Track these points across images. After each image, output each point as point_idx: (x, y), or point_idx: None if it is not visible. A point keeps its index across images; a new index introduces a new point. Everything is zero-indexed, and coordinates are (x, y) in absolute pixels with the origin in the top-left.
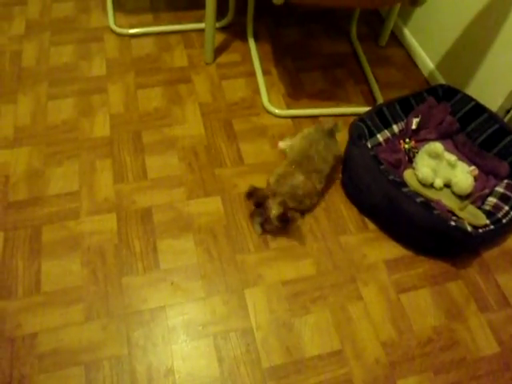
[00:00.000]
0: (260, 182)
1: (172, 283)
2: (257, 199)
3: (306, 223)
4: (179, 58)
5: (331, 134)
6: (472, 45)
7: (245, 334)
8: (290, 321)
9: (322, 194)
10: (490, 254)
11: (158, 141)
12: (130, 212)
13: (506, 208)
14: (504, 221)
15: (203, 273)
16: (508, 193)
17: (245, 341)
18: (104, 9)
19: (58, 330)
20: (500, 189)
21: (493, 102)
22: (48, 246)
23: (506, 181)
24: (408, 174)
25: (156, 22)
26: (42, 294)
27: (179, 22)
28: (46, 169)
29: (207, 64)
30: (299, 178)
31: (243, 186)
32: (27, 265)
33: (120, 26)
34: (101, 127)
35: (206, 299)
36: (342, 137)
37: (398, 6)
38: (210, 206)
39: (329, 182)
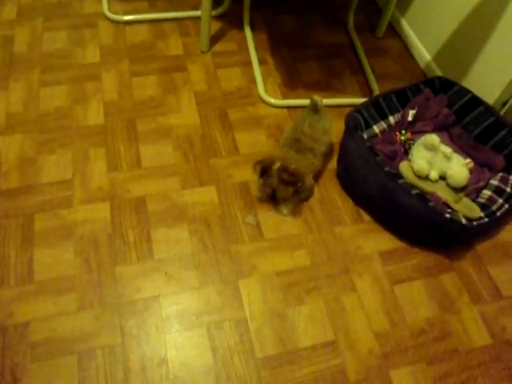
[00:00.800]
0: None
1: (166, 273)
2: (262, 166)
3: (300, 214)
4: (174, 45)
5: (315, 110)
6: (469, 37)
7: (239, 324)
8: (283, 311)
9: (316, 182)
10: (484, 247)
11: (153, 129)
12: (123, 201)
13: (500, 201)
14: (498, 214)
15: (197, 263)
16: (502, 186)
17: (238, 331)
18: None
19: (50, 318)
20: (495, 182)
21: (489, 94)
22: (40, 235)
23: (500, 174)
24: (404, 166)
25: (151, 9)
26: (34, 282)
27: (175, 10)
28: (39, 156)
29: (203, 52)
30: (293, 155)
31: (238, 176)
32: (19, 253)
33: (114, 13)
34: (94, 115)
35: (200, 289)
36: (338, 127)
37: None
38: (205, 196)
39: (324, 173)
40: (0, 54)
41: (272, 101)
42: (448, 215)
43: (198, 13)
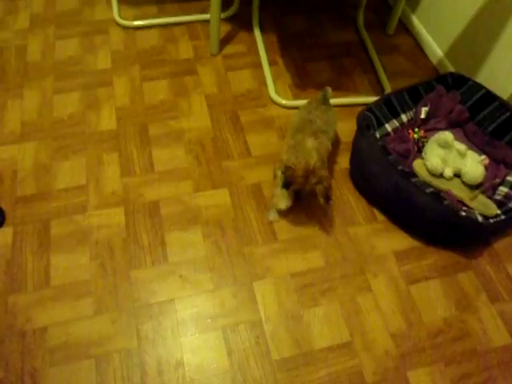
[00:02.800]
0: (268, 173)
1: (180, 276)
2: (286, 179)
3: (314, 214)
4: (184, 49)
5: (325, 101)
6: (482, 31)
7: (254, 327)
8: (299, 313)
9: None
10: (501, 244)
11: (165, 133)
12: (137, 205)
13: None
14: None
15: (211, 265)
16: None
17: (254, 333)
18: (108, 1)
19: (67, 323)
20: (511, 178)
21: (504, 89)
22: (56, 240)
23: None
24: (417, 164)
25: (161, 14)
26: (51, 287)
27: (184, 14)
28: (53, 163)
29: (213, 55)
30: (309, 141)
31: (250, 178)
32: (36, 259)
33: (124, 18)
34: (107, 120)
35: (214, 292)
36: (350, 127)
37: None
38: (218, 199)
39: (337, 173)
40: (14, 63)
41: (283, 102)
42: (463, 213)
43: (207, 16)
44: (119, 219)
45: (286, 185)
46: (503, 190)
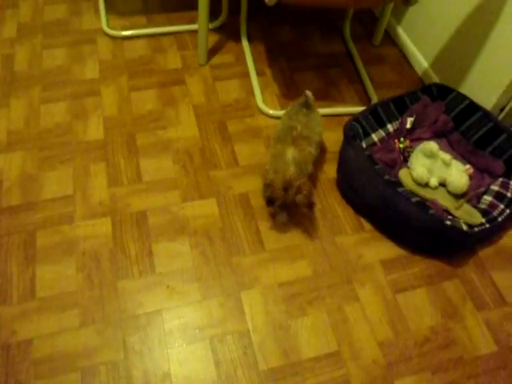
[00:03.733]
0: (255, 183)
1: (168, 286)
2: (269, 197)
3: (301, 224)
4: (173, 59)
5: (307, 106)
6: (465, 43)
7: (241, 337)
8: (286, 322)
9: (316, 191)
10: (486, 253)
11: (153, 143)
12: (124, 215)
13: (502, 206)
14: (499, 219)
15: (199, 276)
16: (503, 191)
17: (242, 343)
18: (96, 11)
19: (53, 335)
20: (495, 187)
21: (487, 100)
22: (42, 251)
23: (500, 179)
24: (403, 174)
25: (149, 24)
26: (36, 299)
27: (172, 24)
28: (40, 173)
29: (201, 65)
30: (289, 151)
31: (238, 188)
32: (21, 270)
33: (113, 28)
34: (94, 130)
35: (202, 302)
36: (337, 136)
37: (391, 5)
38: (205, 209)
39: (324, 182)
40: (1, 72)
41: (270, 112)
42: (449, 222)
43: (195, 26)
44: (106, 229)
45: (269, 202)
46: (487, 198)
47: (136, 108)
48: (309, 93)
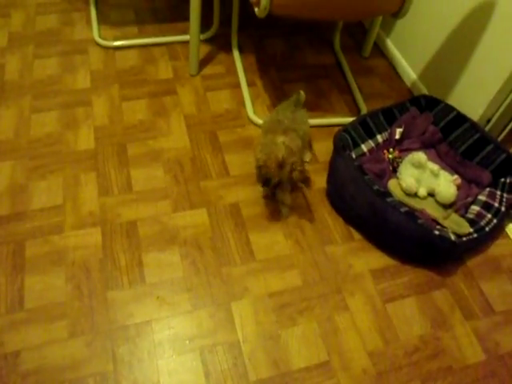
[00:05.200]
0: (246, 193)
1: (158, 297)
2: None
3: (291, 234)
4: (164, 70)
5: (297, 103)
6: (453, 55)
7: (232, 348)
8: (276, 333)
9: (306, 201)
10: (474, 262)
11: (143, 153)
12: (114, 225)
13: (489, 216)
14: (487, 229)
15: (189, 286)
16: (490, 201)
17: (232, 354)
18: (88, 21)
19: (41, 347)
20: (482, 197)
21: (474, 111)
22: (31, 262)
23: (488, 189)
24: (392, 184)
25: (141, 35)
26: (24, 310)
27: (164, 34)
28: (30, 183)
29: (192, 76)
30: (279, 138)
31: (229, 198)
32: (10, 280)
33: (104, 39)
34: (85, 140)
35: (192, 313)
36: (327, 147)
37: (380, 18)
38: (196, 219)
39: (314, 192)
40: None
41: (261, 122)
42: (437, 232)
43: (186, 37)
44: (96, 239)
45: (265, 182)
46: (475, 208)
47: (127, 118)
48: (302, 92)
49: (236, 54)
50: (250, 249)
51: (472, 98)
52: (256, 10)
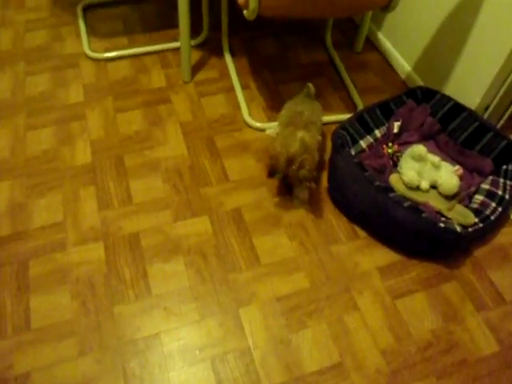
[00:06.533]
0: (247, 198)
1: (165, 308)
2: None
3: (295, 236)
4: (157, 78)
5: (309, 95)
6: (446, 45)
7: (243, 355)
8: (287, 337)
9: (308, 201)
10: (482, 252)
11: (141, 164)
12: (117, 239)
13: (493, 204)
14: (492, 217)
15: (196, 295)
16: (493, 189)
17: (243, 361)
18: (78, 35)
19: (51, 367)
20: (485, 186)
21: (471, 100)
22: (36, 281)
23: (490, 177)
24: (394, 179)
25: (131, 44)
26: (32, 331)
27: (154, 43)
28: (29, 201)
29: (185, 82)
30: (300, 132)
31: (230, 204)
32: (15, 302)
33: (95, 51)
34: (82, 154)
35: (200, 322)
36: (326, 145)
37: (370, 13)
38: (198, 227)
39: (315, 192)
40: None
41: (258, 125)
42: (442, 224)
43: (177, 44)
44: (99, 254)
45: (270, 174)
46: (479, 198)
47: (122, 129)
48: (311, 85)
49: (228, 57)
50: (255, 253)
51: (468, 86)
52: (245, 12)
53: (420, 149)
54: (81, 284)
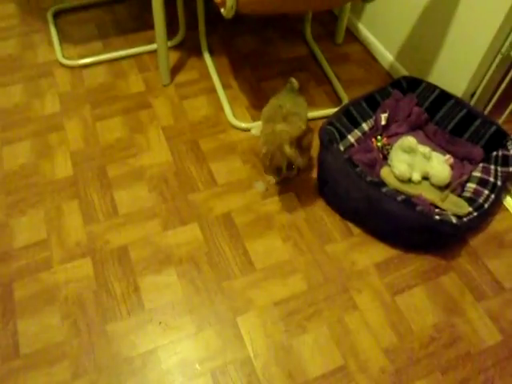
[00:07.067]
0: (237, 201)
1: (160, 323)
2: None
3: (289, 237)
4: (135, 83)
5: (293, 90)
6: (429, 32)
7: (243, 365)
8: (287, 343)
9: (299, 201)
10: (477, 241)
11: (125, 173)
12: (105, 253)
13: (486, 192)
14: (486, 205)
15: (191, 306)
16: (485, 176)
17: (245, 372)
18: (50, 42)
19: None
20: (477, 173)
21: (457, 87)
22: (22, 304)
23: (481, 164)
24: (385, 172)
25: (106, 49)
26: (21, 356)
27: (130, 46)
28: (10, 220)
29: (165, 86)
30: (278, 126)
31: (219, 208)
32: (2, 327)
33: (69, 58)
34: (62, 167)
35: (197, 334)
36: (314, 143)
37: (349, 4)
38: (188, 235)
39: (306, 191)
40: None
41: (242, 125)
42: (437, 217)
43: (154, 46)
44: (87, 271)
45: (278, 171)
46: (471, 186)
47: (103, 138)
48: (293, 79)
49: (207, 57)
50: (249, 258)
51: (453, 73)
52: (222, 10)
53: (410, 140)
54: (70, 303)
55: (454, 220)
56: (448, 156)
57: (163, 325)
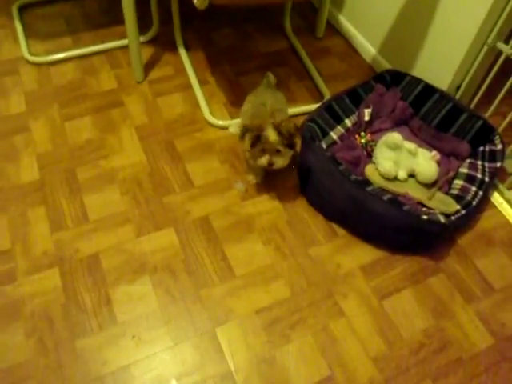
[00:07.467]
0: (215, 203)
1: (133, 336)
2: (252, 134)
3: (270, 241)
4: (106, 80)
5: (270, 85)
6: (412, 24)
7: (224, 380)
8: (270, 354)
9: (280, 202)
10: (465, 239)
11: (96, 176)
12: (74, 263)
13: (474, 189)
14: (474, 203)
15: (167, 318)
16: (472, 172)
17: None
18: (15, 38)
19: None
20: (464, 169)
21: (442, 81)
22: None
23: (468, 160)
24: (369, 170)
25: (76, 45)
26: None
27: (101, 41)
28: None
29: (138, 83)
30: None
31: (197, 211)
32: None
33: (36, 55)
34: (28, 171)
35: (174, 348)
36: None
37: None
38: (164, 240)
39: (287, 192)
40: None
41: (220, 122)
42: (425, 216)
43: (126, 41)
44: (55, 282)
45: (255, 141)
46: (458, 183)
47: (72, 139)
48: (270, 74)
49: (183, 52)
50: (228, 264)
51: (438, 66)
52: (195, 1)
53: (395, 137)
54: (36, 318)
55: (442, 219)
56: (434, 152)
57: (136, 339)
